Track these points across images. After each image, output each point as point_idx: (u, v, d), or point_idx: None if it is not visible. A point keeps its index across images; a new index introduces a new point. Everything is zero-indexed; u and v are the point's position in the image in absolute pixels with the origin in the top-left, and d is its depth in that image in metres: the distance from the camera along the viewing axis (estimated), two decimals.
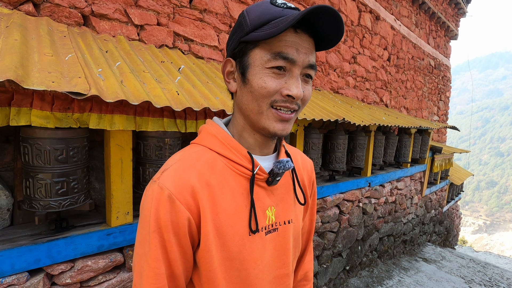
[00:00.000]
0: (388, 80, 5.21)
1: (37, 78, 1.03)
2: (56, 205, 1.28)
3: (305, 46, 0.54)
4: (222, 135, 0.61)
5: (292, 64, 0.54)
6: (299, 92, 0.54)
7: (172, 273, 0.55)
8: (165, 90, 1.46)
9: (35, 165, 1.24)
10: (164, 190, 0.53)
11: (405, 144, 4.22)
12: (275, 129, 0.57)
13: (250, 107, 0.57)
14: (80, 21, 1.75)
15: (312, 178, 0.80)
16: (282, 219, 0.65)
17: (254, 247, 0.59)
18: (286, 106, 0.56)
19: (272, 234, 0.63)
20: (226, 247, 0.57)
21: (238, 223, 0.58)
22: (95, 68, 1.34)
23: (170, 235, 0.53)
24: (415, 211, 5.18)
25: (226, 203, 0.57)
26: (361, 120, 2.66)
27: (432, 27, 6.72)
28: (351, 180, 3.22)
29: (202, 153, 0.60)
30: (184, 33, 2.23)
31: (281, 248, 0.65)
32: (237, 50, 0.58)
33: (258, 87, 0.55)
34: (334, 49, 3.86)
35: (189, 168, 0.56)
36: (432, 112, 7.39)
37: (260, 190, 0.62)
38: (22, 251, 1.23)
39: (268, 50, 0.53)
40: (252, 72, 0.55)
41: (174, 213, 0.53)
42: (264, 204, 0.62)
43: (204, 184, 0.56)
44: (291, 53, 0.53)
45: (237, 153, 0.60)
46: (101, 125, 1.35)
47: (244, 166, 0.60)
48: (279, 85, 0.54)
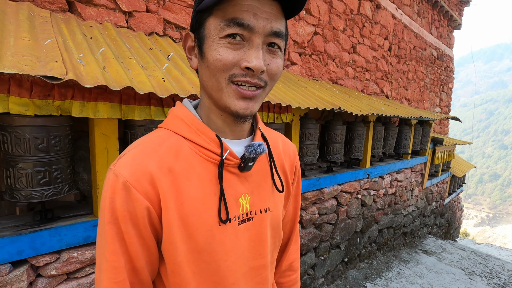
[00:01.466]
0: (389, 70, 5.12)
1: (10, 62, 0.98)
2: (38, 195, 1.25)
3: (265, 11, 0.47)
4: (188, 117, 0.56)
5: (250, 32, 0.47)
6: (259, 64, 0.47)
7: (134, 267, 0.51)
8: (150, 77, 1.41)
9: (15, 154, 1.20)
10: (119, 177, 0.49)
11: (406, 135, 4.16)
12: (236, 108, 0.51)
13: (209, 84, 0.52)
14: (64, 7, 1.69)
15: (295, 163, 0.74)
16: (258, 207, 0.60)
17: (225, 238, 0.55)
18: (246, 81, 0.49)
19: (246, 224, 0.58)
20: (193, 239, 0.52)
21: (206, 212, 0.53)
22: (76, 53, 1.29)
23: (128, 226, 0.49)
24: (415, 203, 5.14)
25: (192, 191, 0.52)
26: (359, 110, 2.60)
27: (435, 17, 6.58)
28: (349, 171, 3.17)
29: (166, 137, 0.55)
30: (175, 21, 2.16)
31: (257, 238, 0.60)
32: (194, 21, 0.53)
33: (213, 60, 0.49)
34: (333, 38, 3.77)
35: (149, 154, 0.52)
36: (434, 103, 7.28)
37: (231, 176, 0.57)
38: (3, 242, 1.20)
39: (221, 17, 0.47)
40: (207, 44, 0.50)
41: (130, 202, 0.49)
42: (237, 192, 0.57)
43: (166, 171, 0.51)
44: (247, 18, 0.46)
45: (204, 136, 0.55)
46: (84, 113, 1.30)
47: (212, 151, 0.55)
48: (237, 57, 0.48)
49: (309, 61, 3.47)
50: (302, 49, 3.35)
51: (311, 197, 2.72)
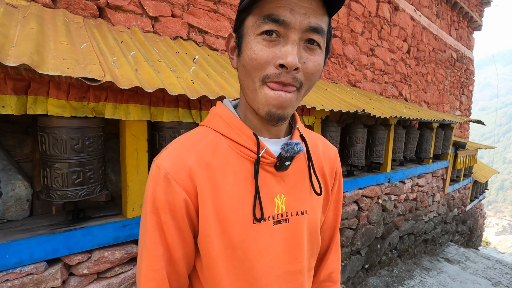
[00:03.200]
0: (407, 73, 5.02)
1: (52, 64, 1.01)
2: (72, 195, 1.28)
3: (303, 6, 0.45)
4: (227, 115, 0.56)
5: (286, 28, 0.45)
6: (293, 60, 0.45)
7: (171, 257, 0.52)
8: (180, 79, 1.43)
9: (52, 154, 1.23)
10: (161, 169, 0.51)
11: (427, 139, 4.05)
12: (269, 107, 0.49)
13: (245, 83, 0.51)
14: (95, 13, 1.74)
15: (336, 167, 0.71)
16: (294, 209, 0.58)
17: (259, 237, 0.54)
18: (280, 82, 0.47)
19: (282, 225, 0.57)
20: (227, 234, 0.52)
21: (241, 209, 0.53)
22: (110, 56, 1.32)
23: (167, 217, 0.50)
24: (437, 209, 4.97)
25: (228, 187, 0.53)
26: (381, 112, 2.55)
27: (454, 18, 6.42)
28: (370, 175, 3.11)
29: (206, 134, 0.56)
30: (198, 25, 2.20)
31: (293, 241, 0.58)
32: (236, 21, 0.53)
33: (248, 58, 0.48)
34: (351, 40, 3.73)
35: (189, 149, 0.53)
36: (454, 106, 7.07)
37: (267, 175, 0.56)
38: (40, 240, 1.23)
39: (259, 15, 0.46)
40: (244, 42, 0.49)
41: (170, 194, 0.50)
42: (272, 191, 0.56)
43: (204, 166, 0.52)
44: (283, 14, 0.45)
45: (242, 134, 0.55)
46: (117, 115, 1.33)
47: (249, 148, 0.54)
48: (272, 54, 0.46)
49: (328, 64, 3.45)
50: None
51: None
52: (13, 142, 1.51)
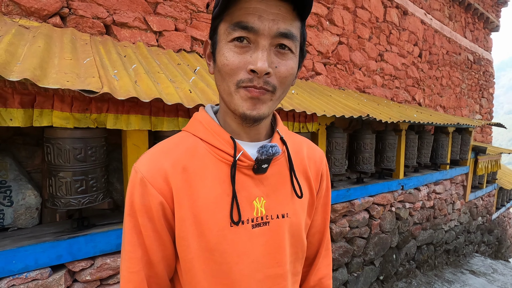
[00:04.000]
0: (420, 77, 4.90)
1: (53, 78, 1.08)
2: (76, 203, 1.33)
3: (272, 12, 0.46)
4: (206, 120, 0.58)
5: (256, 34, 0.47)
6: (263, 65, 0.46)
7: (149, 260, 0.53)
8: (178, 89, 1.47)
9: (57, 164, 1.30)
10: (138, 173, 0.53)
11: (442, 144, 3.90)
12: (243, 109, 0.50)
13: (221, 88, 0.52)
14: (102, 30, 1.85)
15: (321, 169, 0.69)
16: (274, 212, 0.58)
17: (237, 240, 0.54)
18: (253, 86, 0.48)
19: (262, 228, 0.56)
20: (204, 237, 0.52)
21: (218, 212, 0.53)
22: (111, 70, 1.39)
23: (145, 219, 0.52)
24: (458, 218, 4.73)
25: (206, 190, 0.53)
26: (389, 117, 2.50)
27: (469, 20, 6.25)
28: (381, 182, 3.02)
29: (185, 139, 0.57)
30: (201, 37, 2.27)
31: (274, 245, 0.57)
32: (211, 29, 0.54)
33: (221, 64, 0.49)
34: (358, 47, 3.71)
35: (166, 153, 0.55)
36: (474, 110, 6.80)
37: (245, 178, 0.56)
38: (45, 247, 1.28)
39: (229, 22, 0.48)
40: (218, 49, 0.51)
41: (146, 197, 0.52)
42: (251, 194, 0.56)
43: (180, 169, 0.53)
44: (252, 21, 0.46)
45: (219, 137, 0.55)
46: (118, 125, 1.39)
47: (226, 152, 0.55)
48: (243, 60, 0.48)
49: (334, 70, 3.44)
50: (326, 59, 3.33)
51: (340, 209, 2.61)
52: (25, 153, 1.60)
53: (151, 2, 2.02)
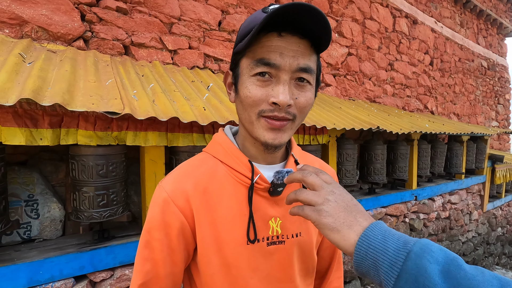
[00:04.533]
0: (432, 85, 4.86)
1: (80, 101, 1.17)
2: (97, 216, 1.40)
3: (292, 49, 0.51)
4: (226, 143, 0.62)
5: (277, 69, 0.51)
6: (285, 99, 0.50)
7: (157, 274, 0.57)
8: (193, 107, 1.55)
9: (81, 179, 1.38)
10: (162, 192, 0.57)
11: (456, 153, 3.83)
12: (265, 138, 0.54)
13: (243, 117, 0.57)
14: (121, 51, 1.96)
15: None
16: (289, 232, 0.62)
17: (252, 257, 0.58)
18: (274, 115, 0.52)
19: (277, 246, 0.61)
20: (223, 253, 0.57)
21: (236, 231, 0.57)
22: (131, 90, 1.48)
23: (162, 235, 0.56)
24: (475, 229, 4.59)
25: (224, 210, 0.58)
26: (399, 128, 2.50)
27: (481, 26, 6.18)
28: (393, 193, 3.00)
29: (206, 160, 0.62)
30: (213, 54, 2.36)
31: (287, 261, 0.62)
32: (232, 61, 0.60)
33: (244, 96, 0.54)
34: (368, 57, 3.74)
35: (188, 174, 0.59)
36: (489, 117, 6.65)
37: (261, 200, 0.61)
38: (69, 258, 1.36)
39: (252, 58, 0.52)
40: (240, 81, 0.55)
41: (168, 214, 0.56)
42: (266, 215, 0.60)
43: (201, 190, 0.58)
44: (274, 58, 0.50)
45: (238, 161, 0.60)
46: (137, 142, 1.47)
47: (244, 174, 0.59)
48: (265, 93, 0.52)
49: (343, 81, 3.47)
50: (336, 71, 3.37)
51: None
52: (50, 168, 1.70)
53: (166, 23, 2.13)
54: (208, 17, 2.32)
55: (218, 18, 2.40)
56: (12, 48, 1.45)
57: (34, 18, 1.65)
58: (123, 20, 1.94)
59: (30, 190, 1.55)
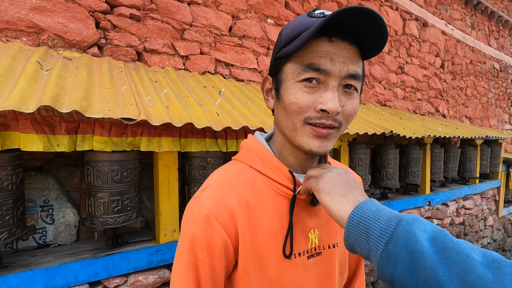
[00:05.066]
0: (443, 88, 4.79)
1: (97, 108, 1.18)
2: (112, 221, 1.40)
3: (342, 55, 0.48)
4: (263, 152, 0.59)
5: (326, 76, 0.49)
6: (334, 106, 0.48)
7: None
8: (206, 112, 1.55)
9: (96, 185, 1.39)
10: (203, 209, 0.52)
11: (470, 157, 3.75)
12: (310, 146, 0.52)
13: (285, 124, 0.54)
14: (134, 57, 1.98)
15: None
16: (326, 242, 0.60)
17: (294, 272, 0.55)
18: (321, 123, 0.50)
19: (315, 259, 0.58)
20: (265, 271, 0.53)
21: (277, 245, 0.54)
22: (145, 96, 1.49)
23: (204, 255, 0.52)
24: (491, 235, 4.47)
25: (266, 224, 0.54)
26: (413, 132, 2.46)
27: (493, 27, 6.08)
28: (406, 198, 2.94)
29: (243, 171, 0.58)
30: (224, 59, 2.37)
31: (326, 274, 0.59)
32: (273, 66, 0.57)
33: (289, 103, 0.51)
34: (378, 60, 3.71)
35: (229, 188, 0.55)
36: (503, 120, 6.51)
37: (302, 211, 0.58)
38: (84, 264, 1.36)
39: (299, 63, 0.50)
40: (284, 87, 0.53)
41: (210, 233, 0.52)
42: (306, 227, 0.58)
43: (243, 205, 0.54)
44: (324, 63, 0.48)
45: (278, 171, 0.57)
46: (151, 148, 1.47)
47: (285, 186, 0.56)
48: (312, 100, 0.50)
49: None
50: None
51: None
52: (65, 173, 1.72)
53: (178, 29, 2.15)
54: (219, 23, 2.33)
55: (229, 24, 2.41)
56: (30, 56, 1.48)
57: (51, 26, 1.68)
58: (136, 27, 1.96)
59: (45, 196, 1.56)
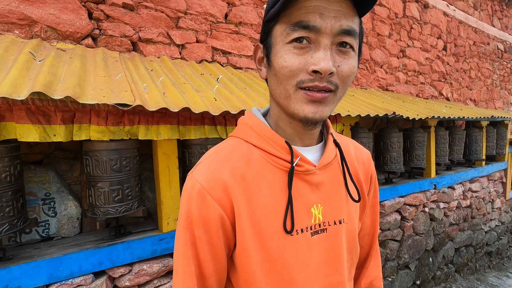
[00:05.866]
0: (446, 71, 4.70)
1: (91, 95, 1.16)
2: (113, 211, 1.39)
3: (333, 9, 0.44)
4: (257, 125, 0.56)
5: (317, 33, 0.44)
6: (327, 65, 0.44)
7: (201, 273, 0.51)
8: (203, 98, 1.52)
9: (95, 175, 1.37)
10: (196, 184, 0.51)
11: (476, 139, 3.69)
12: (305, 113, 0.48)
13: (277, 92, 0.51)
14: (129, 47, 1.95)
15: (370, 171, 0.67)
16: (331, 218, 0.56)
17: (297, 249, 0.52)
18: (314, 86, 0.46)
19: (320, 235, 0.54)
20: (265, 247, 0.51)
21: (277, 221, 0.51)
22: (141, 84, 1.46)
23: (201, 232, 0.50)
24: (498, 217, 4.42)
25: (264, 199, 0.52)
26: (416, 114, 2.41)
27: (496, 7, 5.94)
28: (411, 182, 2.90)
29: (238, 146, 0.55)
30: (221, 47, 2.33)
31: (332, 252, 0.56)
32: (263, 32, 0.53)
33: (279, 67, 0.47)
34: (378, 44, 3.64)
35: (223, 162, 0.53)
36: (508, 102, 6.39)
37: (302, 185, 0.54)
38: (87, 254, 1.36)
39: (287, 23, 0.46)
40: (274, 52, 0.49)
41: (205, 209, 0.50)
42: (308, 201, 0.54)
43: (238, 179, 0.51)
44: (313, 19, 0.44)
45: (274, 143, 0.54)
46: (149, 136, 1.45)
47: (282, 158, 0.53)
48: (304, 61, 0.45)
49: None
50: None
51: None
52: (65, 167, 1.71)
53: (173, 17, 2.11)
54: (214, 10, 2.29)
55: (225, 11, 2.37)
56: (22, 47, 1.46)
57: (43, 17, 1.65)
58: (129, 16, 1.93)
59: (46, 189, 1.56)
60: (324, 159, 0.57)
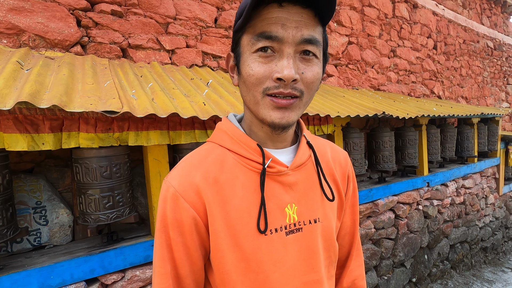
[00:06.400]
0: (437, 69, 4.75)
1: (78, 103, 1.16)
2: (104, 218, 1.40)
3: (295, 20, 0.47)
4: (231, 130, 0.58)
5: (280, 43, 0.47)
6: (290, 73, 0.46)
7: (177, 273, 0.54)
8: (192, 103, 1.53)
9: (85, 182, 1.38)
10: (170, 188, 0.53)
11: (467, 136, 3.74)
12: (272, 118, 0.51)
13: (247, 99, 0.53)
14: (119, 54, 1.96)
15: (347, 171, 0.70)
16: (306, 217, 0.58)
17: (272, 248, 0.54)
18: (279, 92, 0.48)
19: (295, 235, 0.56)
20: (240, 247, 0.53)
21: (251, 221, 0.53)
22: (129, 90, 1.47)
23: (175, 234, 0.52)
24: (492, 213, 4.47)
25: (237, 201, 0.54)
26: (406, 113, 2.44)
27: (484, 6, 6.02)
28: (404, 180, 2.93)
29: (212, 150, 0.58)
30: (212, 51, 2.34)
31: (308, 251, 0.57)
32: (233, 41, 0.56)
33: (247, 75, 0.50)
34: (369, 45, 3.68)
35: (196, 166, 0.55)
36: (499, 98, 6.47)
37: (275, 185, 0.56)
38: (79, 261, 1.36)
39: (252, 33, 0.49)
40: (242, 60, 0.52)
41: (178, 211, 0.52)
42: (282, 201, 0.56)
43: (211, 182, 0.54)
44: (275, 30, 0.47)
45: (246, 147, 0.56)
46: (139, 142, 1.46)
47: (255, 160, 0.55)
48: (268, 69, 0.48)
49: (346, 71, 3.41)
50: (337, 60, 3.32)
51: (364, 210, 2.56)
52: (57, 174, 1.71)
53: (162, 23, 2.12)
54: (203, 15, 2.31)
55: (214, 15, 2.38)
56: (10, 57, 1.46)
57: (31, 26, 1.66)
58: (118, 23, 1.94)
59: (37, 197, 1.55)
60: (297, 160, 0.59)
